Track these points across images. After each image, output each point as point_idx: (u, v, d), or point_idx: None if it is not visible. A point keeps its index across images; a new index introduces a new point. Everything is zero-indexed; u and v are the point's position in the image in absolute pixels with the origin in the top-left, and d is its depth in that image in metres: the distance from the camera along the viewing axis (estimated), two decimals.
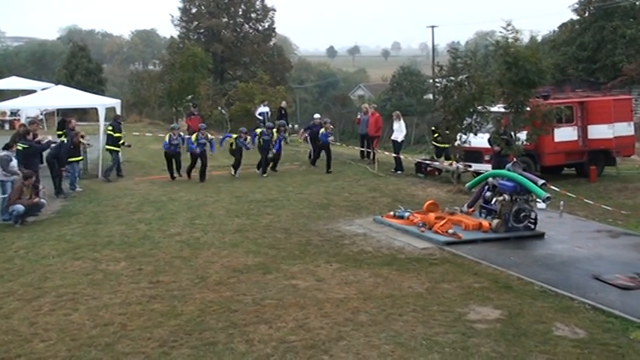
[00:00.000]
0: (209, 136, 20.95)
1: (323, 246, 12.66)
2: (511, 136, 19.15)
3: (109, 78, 64.49)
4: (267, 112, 29.92)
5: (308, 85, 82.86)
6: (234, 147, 21.46)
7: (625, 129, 23.11)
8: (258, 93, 37.02)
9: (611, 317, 9.02)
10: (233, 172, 21.45)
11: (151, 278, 10.61)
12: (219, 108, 38.96)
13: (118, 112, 22.50)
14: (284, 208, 16.05)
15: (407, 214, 14.49)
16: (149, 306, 9.32)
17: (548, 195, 13.66)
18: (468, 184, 15.89)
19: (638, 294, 10.11)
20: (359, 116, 25.25)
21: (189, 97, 32.72)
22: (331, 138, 23.09)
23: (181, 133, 21.78)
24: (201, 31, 60.53)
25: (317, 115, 26.22)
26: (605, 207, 16.42)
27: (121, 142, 21.24)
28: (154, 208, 16.04)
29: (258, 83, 38.82)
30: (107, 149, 21.01)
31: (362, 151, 24.56)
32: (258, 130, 22.20)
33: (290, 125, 45.57)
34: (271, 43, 61.50)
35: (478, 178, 15.36)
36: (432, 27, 62.60)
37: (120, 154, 21.33)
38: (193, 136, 20.62)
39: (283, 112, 30.16)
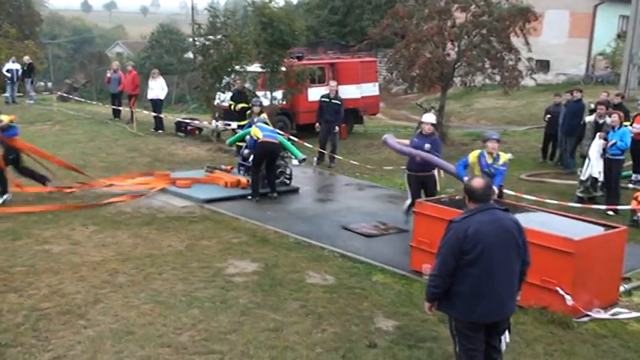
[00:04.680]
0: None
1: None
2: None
3: None
4: (16, 70, 27.27)
5: (61, 41, 77.46)
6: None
7: (371, 89, 24.92)
8: (4, 48, 34.29)
9: (357, 263, 9.73)
10: None
11: None
12: None
13: None
14: None
15: None
16: None
17: (304, 157, 14.33)
18: (228, 141, 16.22)
19: (380, 240, 11.01)
20: (109, 74, 24.30)
21: None
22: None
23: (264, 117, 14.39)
24: None
25: (429, 118, 11.70)
26: (354, 162, 17.51)
27: None
28: None
29: (4, 37, 35.82)
30: None
31: (114, 110, 23.74)
32: None
33: (42, 83, 42.64)
34: None
35: (238, 135, 15.61)
36: None
37: None
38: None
39: (25, 67, 27.56)
